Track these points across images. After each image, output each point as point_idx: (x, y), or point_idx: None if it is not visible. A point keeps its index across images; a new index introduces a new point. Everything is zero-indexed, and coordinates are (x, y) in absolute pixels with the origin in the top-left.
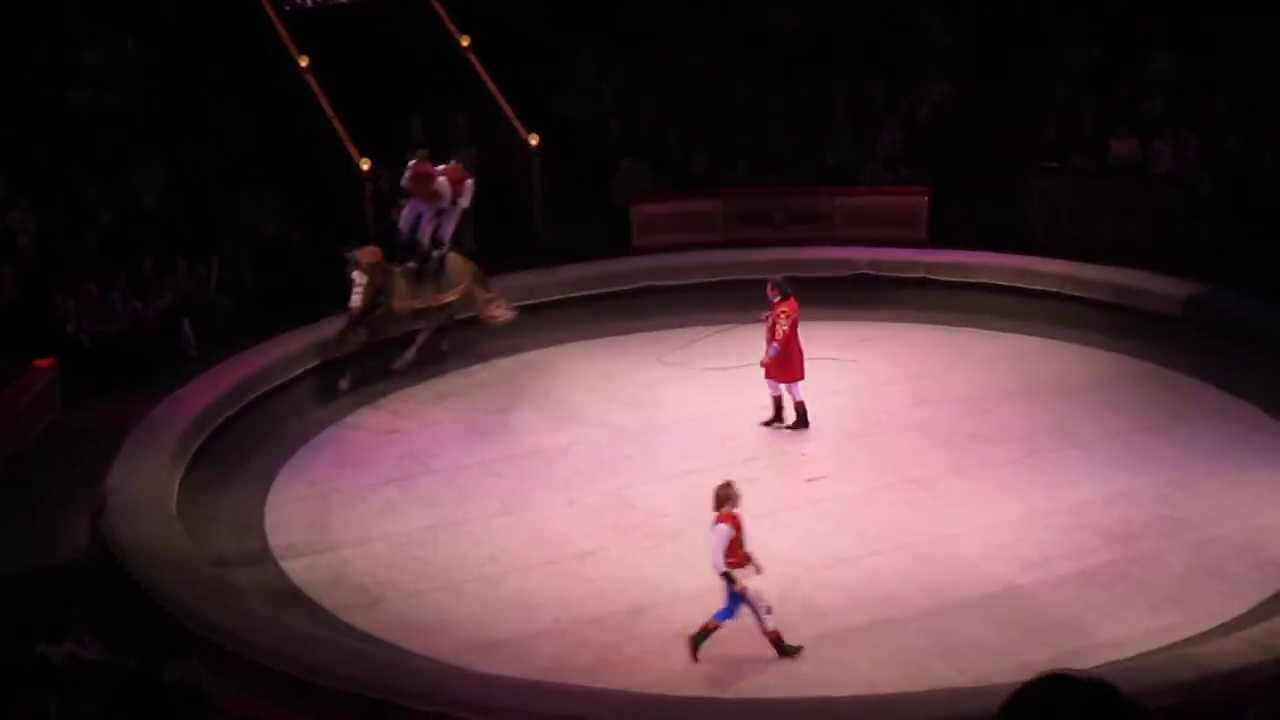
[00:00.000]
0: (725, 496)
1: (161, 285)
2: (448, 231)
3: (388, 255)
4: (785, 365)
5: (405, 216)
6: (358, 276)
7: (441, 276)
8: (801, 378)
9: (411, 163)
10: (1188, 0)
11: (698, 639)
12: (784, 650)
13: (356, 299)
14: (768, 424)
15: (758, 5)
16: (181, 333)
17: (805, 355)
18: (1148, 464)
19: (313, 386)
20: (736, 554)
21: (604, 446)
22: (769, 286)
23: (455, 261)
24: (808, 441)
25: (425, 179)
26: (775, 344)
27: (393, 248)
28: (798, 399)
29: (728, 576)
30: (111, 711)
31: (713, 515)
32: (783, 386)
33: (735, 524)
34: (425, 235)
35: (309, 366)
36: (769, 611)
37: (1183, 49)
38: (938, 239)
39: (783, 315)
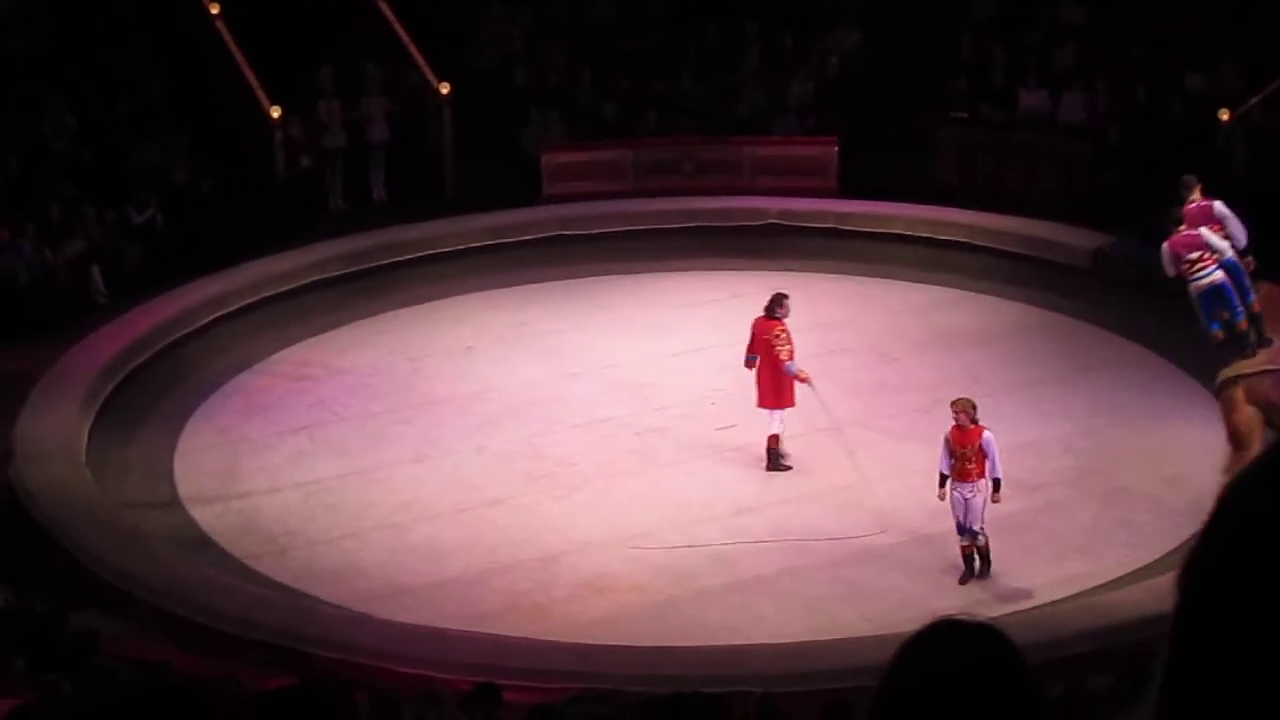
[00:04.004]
0: (975, 407)
1: (70, 231)
2: None
3: None
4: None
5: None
6: None
7: None
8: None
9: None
10: None
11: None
12: (986, 568)
13: None
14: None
15: None
16: (90, 280)
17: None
18: (1055, 414)
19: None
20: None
21: (514, 394)
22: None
23: None
24: (717, 391)
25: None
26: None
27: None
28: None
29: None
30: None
31: (964, 431)
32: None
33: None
34: None
35: (218, 314)
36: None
37: (1092, 0)
38: (848, 189)
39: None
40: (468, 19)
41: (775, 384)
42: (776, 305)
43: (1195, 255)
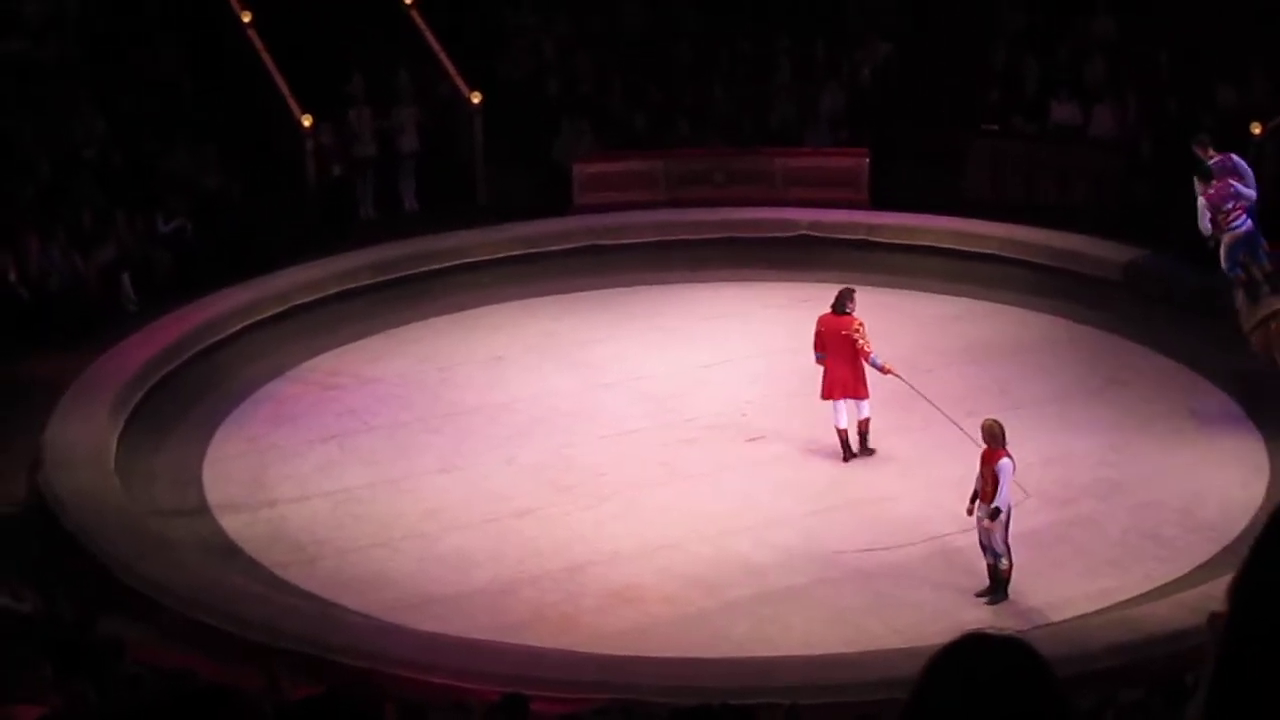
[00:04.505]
0: (1001, 432)
1: (101, 238)
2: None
3: None
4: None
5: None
6: None
7: None
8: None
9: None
10: None
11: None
12: (1001, 593)
13: None
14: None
15: None
16: (121, 287)
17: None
18: (1085, 427)
19: None
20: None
21: (544, 405)
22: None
23: None
24: (748, 403)
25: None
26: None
27: None
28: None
29: (994, 512)
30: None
31: (992, 452)
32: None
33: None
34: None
35: (248, 322)
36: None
37: (1123, 12)
38: (879, 201)
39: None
40: (500, 28)
41: (855, 376)
42: (847, 300)
43: (1229, 206)
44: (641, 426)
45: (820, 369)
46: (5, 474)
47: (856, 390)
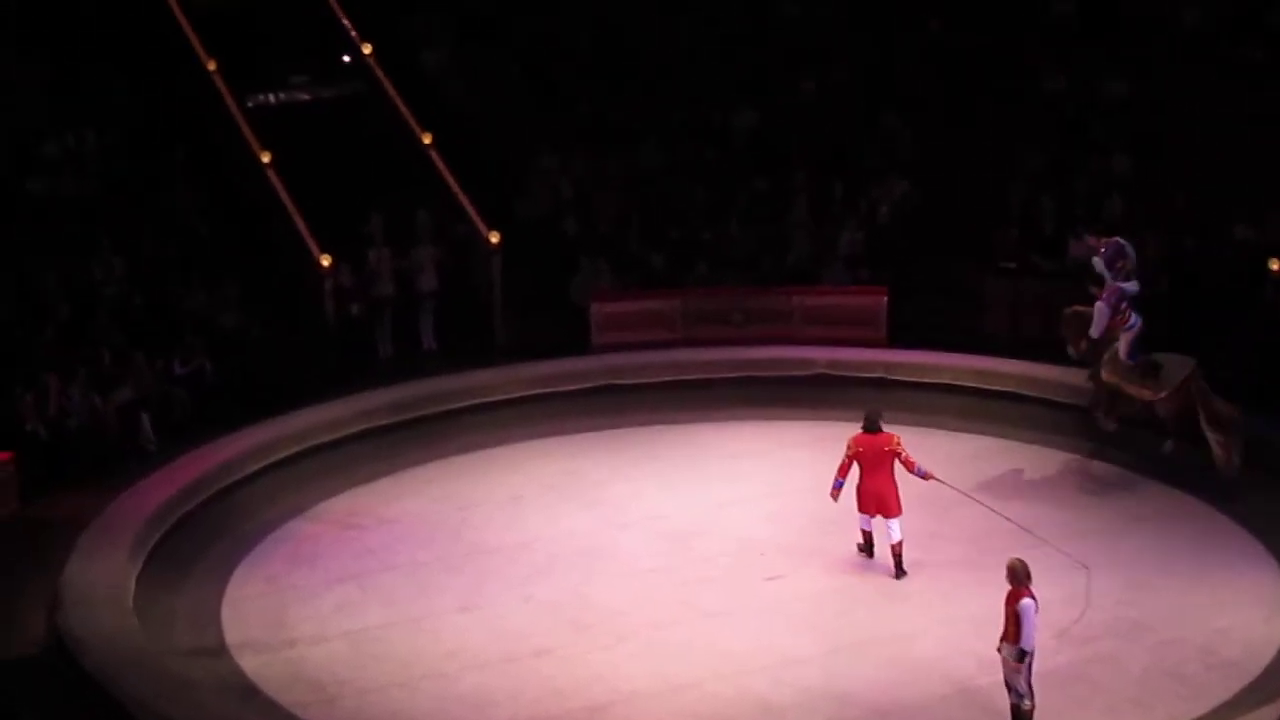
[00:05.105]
0: (1025, 571)
1: (120, 378)
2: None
3: None
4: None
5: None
6: None
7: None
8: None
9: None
10: (1142, 104)
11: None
12: None
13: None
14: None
15: (718, 103)
16: (140, 427)
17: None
18: (1106, 564)
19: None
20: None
21: (562, 544)
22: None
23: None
24: (766, 542)
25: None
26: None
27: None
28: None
29: (1020, 654)
30: None
31: (1015, 592)
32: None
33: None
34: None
35: (267, 462)
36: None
37: (1140, 150)
38: (897, 339)
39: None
40: (518, 168)
41: (894, 492)
42: (878, 417)
43: (1123, 306)
44: (659, 565)
45: (839, 495)
46: (24, 614)
47: (898, 507)
